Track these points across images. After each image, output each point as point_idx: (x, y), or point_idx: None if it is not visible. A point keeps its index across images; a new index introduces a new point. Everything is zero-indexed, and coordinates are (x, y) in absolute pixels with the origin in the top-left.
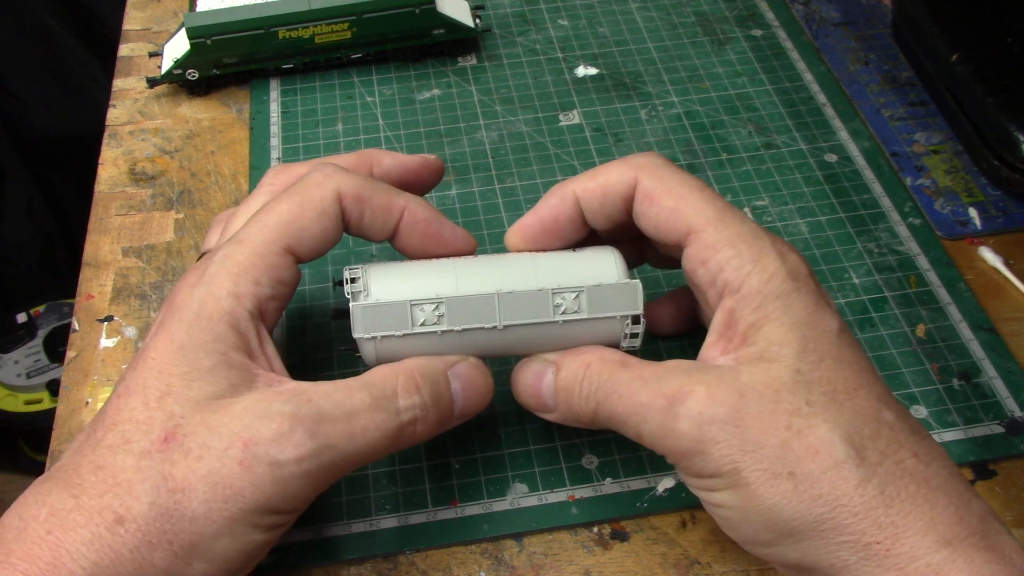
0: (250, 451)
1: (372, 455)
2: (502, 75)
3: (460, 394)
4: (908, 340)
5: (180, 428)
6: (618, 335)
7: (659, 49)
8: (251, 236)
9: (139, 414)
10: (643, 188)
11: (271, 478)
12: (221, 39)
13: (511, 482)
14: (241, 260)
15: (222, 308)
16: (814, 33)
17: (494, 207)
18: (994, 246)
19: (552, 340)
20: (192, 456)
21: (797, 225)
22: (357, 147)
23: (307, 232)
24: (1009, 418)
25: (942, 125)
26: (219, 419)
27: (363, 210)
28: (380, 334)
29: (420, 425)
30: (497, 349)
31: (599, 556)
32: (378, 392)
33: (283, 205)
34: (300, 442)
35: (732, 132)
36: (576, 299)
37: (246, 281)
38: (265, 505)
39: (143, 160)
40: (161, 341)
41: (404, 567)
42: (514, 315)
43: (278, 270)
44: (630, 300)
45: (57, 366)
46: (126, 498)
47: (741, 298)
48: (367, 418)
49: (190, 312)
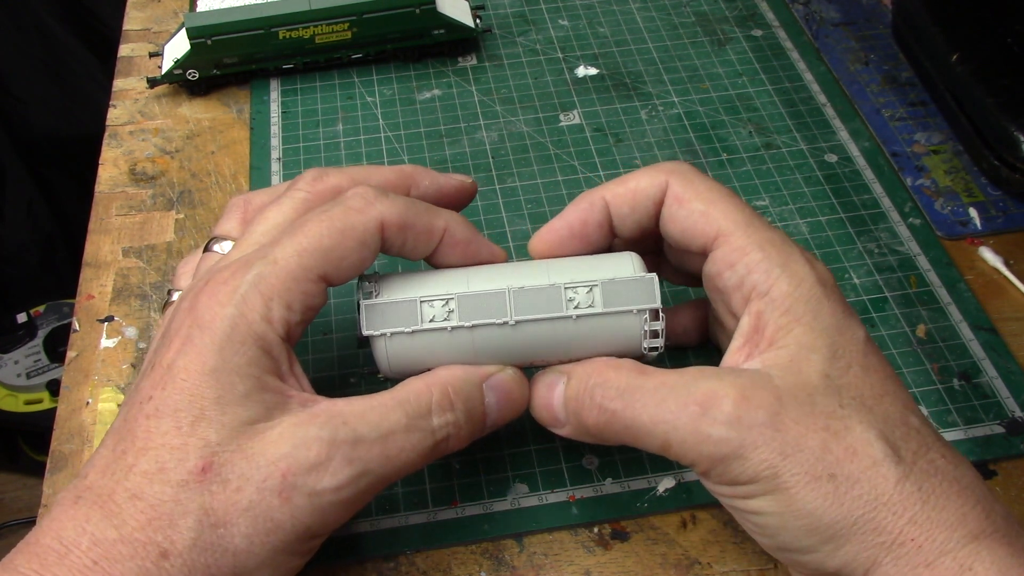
0: (289, 482)
1: (406, 473)
2: (502, 75)
3: (494, 407)
4: (908, 340)
5: (217, 457)
6: (637, 334)
7: (659, 49)
8: (287, 258)
9: (172, 439)
10: (673, 192)
11: (310, 508)
12: (221, 39)
13: (511, 482)
14: (275, 284)
15: (255, 332)
16: (814, 33)
17: (494, 207)
18: (994, 246)
19: (567, 339)
20: (231, 488)
21: (797, 225)
22: (357, 147)
23: (345, 261)
24: (1009, 418)
25: (942, 125)
26: (256, 447)
27: (406, 237)
28: (389, 330)
29: (453, 441)
30: (510, 349)
31: (599, 556)
32: (412, 410)
33: (323, 229)
34: (338, 470)
35: (732, 132)
36: (589, 293)
37: (279, 306)
38: (304, 534)
39: (143, 160)
40: (191, 361)
41: (404, 567)
42: (526, 310)
43: (311, 297)
44: (647, 293)
45: (57, 366)
46: (169, 532)
47: (770, 301)
48: (403, 439)
49: (221, 333)
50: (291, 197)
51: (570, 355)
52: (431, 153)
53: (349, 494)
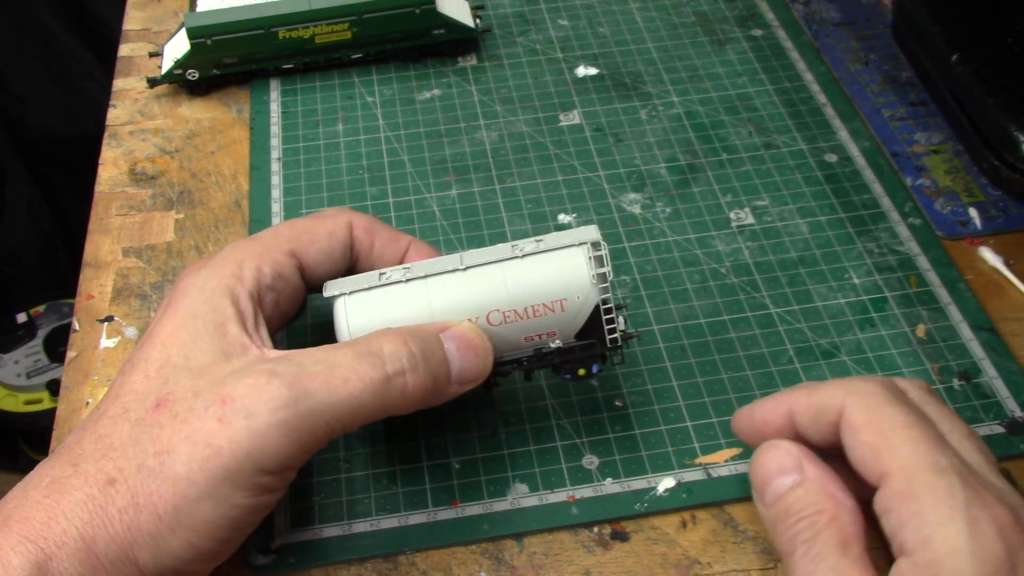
0: (228, 406)
1: (360, 410)
2: (502, 75)
3: (456, 355)
4: (908, 340)
5: (172, 394)
6: (583, 265)
7: (659, 49)
8: (261, 234)
9: (139, 386)
10: (848, 418)
11: (247, 431)
12: (221, 39)
13: (511, 482)
14: (248, 250)
15: (224, 284)
16: (814, 33)
17: (494, 207)
18: (994, 246)
19: (518, 282)
20: (178, 419)
21: (797, 225)
22: (357, 147)
23: (314, 245)
24: (1009, 418)
25: (942, 125)
26: (206, 384)
27: (373, 240)
28: (349, 289)
29: (411, 377)
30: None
31: (599, 556)
32: (363, 347)
33: (298, 220)
34: (275, 392)
35: (732, 132)
36: (536, 243)
37: (250, 267)
38: (245, 461)
39: (143, 160)
40: (167, 317)
41: (404, 567)
42: (477, 259)
43: (280, 265)
44: (587, 232)
45: (57, 366)
46: (119, 462)
47: (913, 564)
48: (349, 369)
49: (194, 287)
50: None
51: (526, 299)
52: (431, 153)
53: (288, 416)
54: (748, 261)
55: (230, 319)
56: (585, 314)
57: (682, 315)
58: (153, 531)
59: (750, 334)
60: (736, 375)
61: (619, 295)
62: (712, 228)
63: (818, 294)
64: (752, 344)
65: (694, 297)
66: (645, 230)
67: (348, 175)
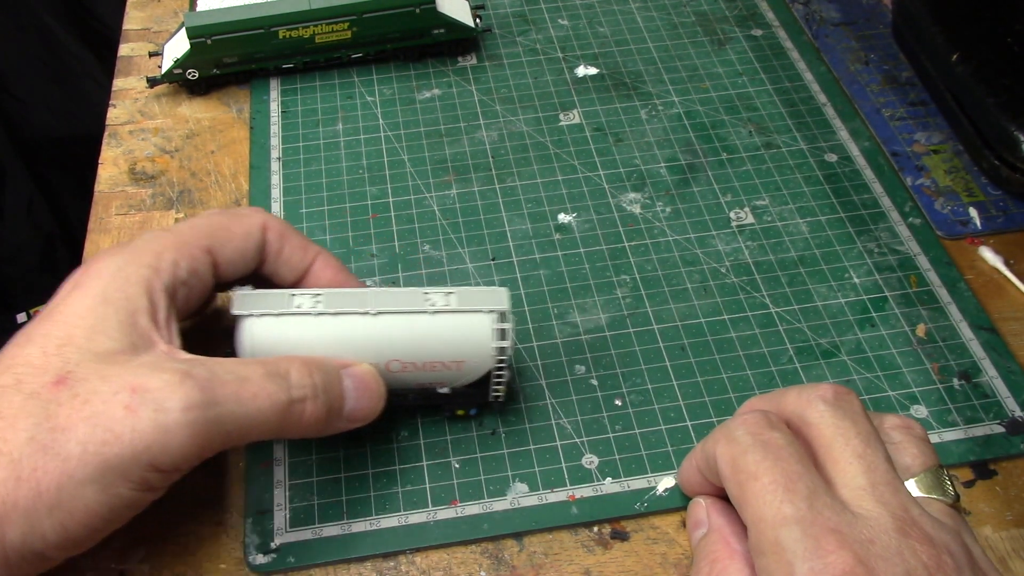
0: (138, 396)
1: (260, 427)
2: (502, 75)
3: (352, 394)
4: (908, 340)
5: (73, 374)
6: (488, 333)
7: (659, 49)
8: (179, 227)
9: (35, 360)
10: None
11: (154, 424)
12: (221, 39)
13: (511, 481)
14: (165, 243)
15: (140, 274)
16: (814, 33)
17: (494, 207)
18: (994, 246)
19: (424, 335)
20: (79, 399)
21: (797, 225)
22: (357, 147)
23: (229, 244)
24: (1009, 418)
25: (942, 125)
26: (113, 370)
27: (283, 245)
28: (258, 311)
29: (310, 405)
30: (371, 342)
31: (599, 556)
32: (272, 368)
33: (214, 215)
34: (189, 393)
35: (732, 132)
36: (447, 296)
37: (167, 259)
38: (143, 454)
39: (143, 160)
40: (74, 301)
41: (404, 567)
42: (387, 304)
43: (196, 261)
44: (497, 298)
45: None
46: (7, 432)
47: None
48: (258, 386)
49: (108, 272)
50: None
51: (428, 354)
52: (431, 153)
53: (196, 418)
54: (748, 261)
55: (141, 310)
56: (478, 375)
57: (682, 315)
58: (29, 508)
59: (750, 334)
60: (736, 375)
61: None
62: (712, 228)
63: (818, 294)
64: (752, 344)
65: (694, 297)
66: (645, 230)
67: (348, 175)
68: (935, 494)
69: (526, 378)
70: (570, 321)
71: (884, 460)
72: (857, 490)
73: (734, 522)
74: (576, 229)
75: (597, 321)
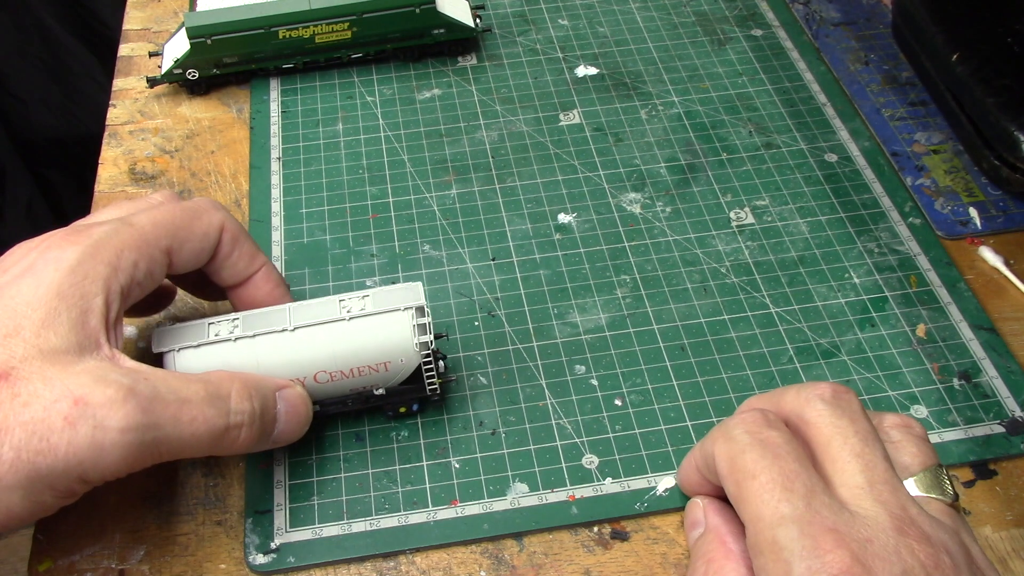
0: (79, 409)
1: (193, 448)
2: (502, 75)
3: (283, 417)
4: (908, 340)
5: (16, 371)
6: (408, 331)
7: (659, 49)
8: (143, 224)
9: None
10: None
11: (90, 441)
12: (221, 39)
13: (511, 481)
14: (128, 240)
15: (99, 272)
16: (814, 33)
17: (494, 207)
18: (994, 246)
19: (344, 343)
20: (19, 401)
21: (797, 225)
22: (357, 146)
23: (187, 244)
24: (1009, 418)
25: (942, 125)
26: (56, 373)
27: (234, 249)
28: (178, 346)
29: (245, 432)
30: (292, 358)
31: (599, 556)
32: (214, 390)
33: (177, 210)
34: (130, 413)
35: (732, 132)
36: (362, 300)
37: (128, 260)
38: (76, 468)
39: (143, 160)
40: (26, 286)
41: (404, 567)
42: (304, 319)
43: (155, 263)
44: (413, 295)
45: None
46: None
47: None
48: (198, 409)
49: (67, 264)
50: (148, 198)
51: (352, 361)
52: (431, 152)
53: (134, 440)
54: (748, 261)
55: (95, 310)
56: (407, 372)
57: (682, 315)
58: None
59: (750, 334)
60: (736, 375)
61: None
62: (712, 228)
63: (818, 294)
64: (752, 344)
65: (694, 297)
66: (645, 230)
67: (348, 175)
68: (934, 493)
69: (526, 378)
70: (570, 321)
71: (882, 459)
72: (855, 489)
73: (731, 522)
74: (576, 229)
75: (597, 321)
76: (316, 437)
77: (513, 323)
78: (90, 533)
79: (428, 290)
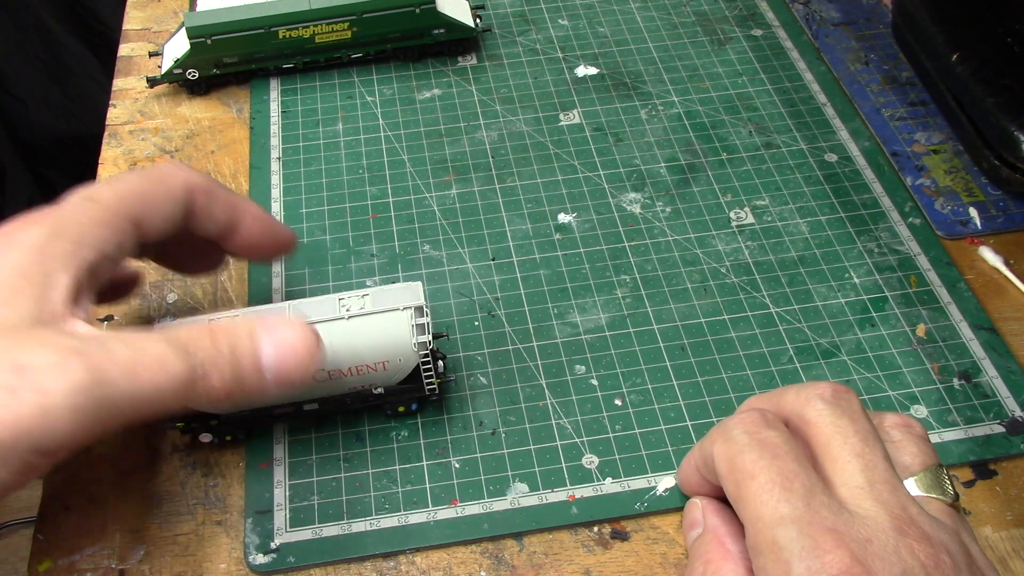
0: (21, 378)
1: (159, 402)
2: (502, 75)
3: (272, 352)
4: (908, 340)
5: None
6: (407, 330)
7: (659, 49)
8: (106, 197)
9: None
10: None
11: (35, 409)
12: (221, 39)
13: (511, 481)
14: (94, 216)
15: (64, 250)
16: (814, 33)
17: (494, 207)
18: (994, 246)
19: (344, 341)
20: None
21: (797, 225)
22: (357, 146)
23: (154, 211)
24: (1009, 418)
25: (942, 125)
26: (6, 345)
27: (209, 201)
28: None
29: (216, 377)
30: None
31: (599, 556)
32: (171, 336)
33: (138, 178)
34: (73, 373)
35: (732, 132)
36: (362, 299)
37: (95, 236)
38: (24, 439)
39: (143, 160)
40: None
41: (404, 567)
42: (304, 315)
43: (123, 235)
44: (413, 294)
45: None
46: None
47: None
48: (153, 358)
49: (31, 242)
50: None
51: (351, 360)
52: (431, 152)
53: (82, 401)
54: (748, 261)
55: (58, 287)
56: (406, 371)
57: (682, 315)
58: None
59: (750, 334)
60: (736, 375)
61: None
62: (712, 228)
63: (818, 294)
64: (752, 344)
65: (694, 297)
66: (645, 230)
67: (348, 175)
68: (934, 493)
69: (526, 378)
70: (570, 321)
71: (883, 459)
72: (855, 489)
73: (730, 522)
74: (576, 229)
75: (597, 321)
76: (316, 437)
77: (513, 323)
78: (90, 533)
79: (428, 290)
